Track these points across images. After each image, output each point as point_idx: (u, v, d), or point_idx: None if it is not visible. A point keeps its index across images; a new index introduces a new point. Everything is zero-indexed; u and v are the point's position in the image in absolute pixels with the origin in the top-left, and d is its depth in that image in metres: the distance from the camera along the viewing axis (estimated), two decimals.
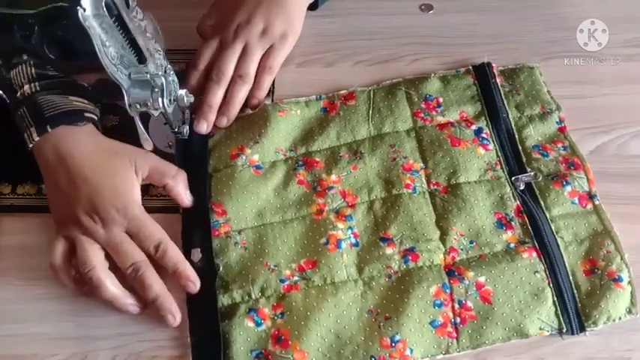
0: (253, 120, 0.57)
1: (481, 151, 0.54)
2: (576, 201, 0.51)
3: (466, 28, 0.64)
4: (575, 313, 0.46)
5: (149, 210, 0.52)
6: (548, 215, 0.50)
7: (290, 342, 0.45)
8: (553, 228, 0.49)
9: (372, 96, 0.58)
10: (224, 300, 0.47)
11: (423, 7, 0.65)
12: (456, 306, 0.46)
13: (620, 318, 0.46)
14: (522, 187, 0.52)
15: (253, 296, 0.47)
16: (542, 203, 0.51)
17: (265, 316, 0.46)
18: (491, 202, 0.51)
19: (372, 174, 0.53)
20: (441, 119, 0.56)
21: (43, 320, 0.48)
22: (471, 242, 0.49)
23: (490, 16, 0.66)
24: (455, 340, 0.45)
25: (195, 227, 0.51)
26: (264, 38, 0.57)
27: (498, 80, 0.59)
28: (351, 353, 0.45)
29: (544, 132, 0.55)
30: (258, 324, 0.46)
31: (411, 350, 0.45)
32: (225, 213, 0.51)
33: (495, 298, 0.46)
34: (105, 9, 0.38)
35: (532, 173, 0.52)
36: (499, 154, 0.54)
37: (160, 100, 0.45)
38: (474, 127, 0.55)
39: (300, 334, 0.45)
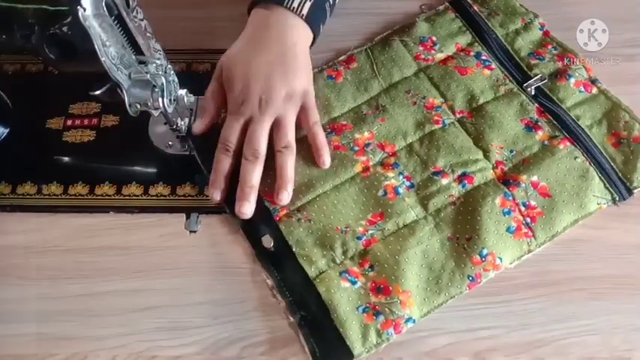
0: None
1: (487, 72, 0.58)
2: (582, 89, 0.57)
3: None
4: (620, 181, 0.52)
5: (149, 210, 0.52)
6: (565, 107, 0.56)
7: (390, 287, 0.47)
8: (573, 117, 0.55)
9: (370, 53, 0.60)
10: (312, 272, 0.48)
11: (423, 7, 0.65)
12: (522, 208, 0.50)
13: None
14: (534, 92, 0.57)
15: (338, 260, 0.49)
16: (556, 99, 0.56)
17: (357, 274, 0.48)
18: (514, 111, 0.56)
19: (400, 121, 0.56)
20: (440, 55, 0.60)
21: (43, 320, 0.48)
22: (511, 151, 0.54)
23: None
24: (532, 239, 0.49)
25: (254, 219, 0.51)
26: (292, 102, 0.53)
27: (476, 8, 0.63)
28: (448, 280, 0.48)
29: (532, 40, 0.61)
30: (353, 283, 0.48)
31: (500, 259, 0.48)
32: None
33: (552, 191, 0.51)
34: (105, 9, 0.38)
35: (538, 76, 0.57)
36: (502, 70, 0.59)
37: (160, 100, 0.45)
38: (472, 54, 0.60)
39: (397, 277, 0.47)
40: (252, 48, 0.54)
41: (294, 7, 0.53)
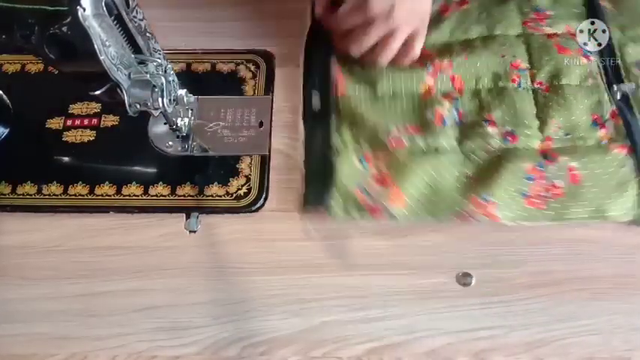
0: None
1: (584, 60, 0.58)
2: None
3: None
4: None
5: (149, 210, 0.52)
6: None
7: (389, 181, 0.51)
8: None
9: (485, 2, 0.62)
10: (336, 141, 0.53)
11: None
12: (546, 182, 0.51)
13: None
14: (619, 97, 0.56)
15: (363, 149, 0.54)
16: (636, 111, 0.55)
17: (370, 160, 0.53)
18: (590, 104, 0.56)
19: (481, 65, 0.57)
20: (548, 30, 0.60)
21: (43, 320, 0.48)
22: (567, 134, 0.54)
23: None
24: (542, 211, 0.50)
25: (314, 76, 0.56)
26: (424, 26, 0.55)
27: (602, 3, 0.62)
28: (444, 204, 0.51)
29: None
30: (364, 166, 0.52)
31: (500, 210, 0.50)
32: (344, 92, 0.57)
33: (584, 181, 0.51)
34: (105, 9, 0.38)
35: (632, 84, 0.56)
36: (599, 66, 0.58)
37: (160, 100, 0.45)
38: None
39: (401, 179, 0.51)
40: None
41: None
